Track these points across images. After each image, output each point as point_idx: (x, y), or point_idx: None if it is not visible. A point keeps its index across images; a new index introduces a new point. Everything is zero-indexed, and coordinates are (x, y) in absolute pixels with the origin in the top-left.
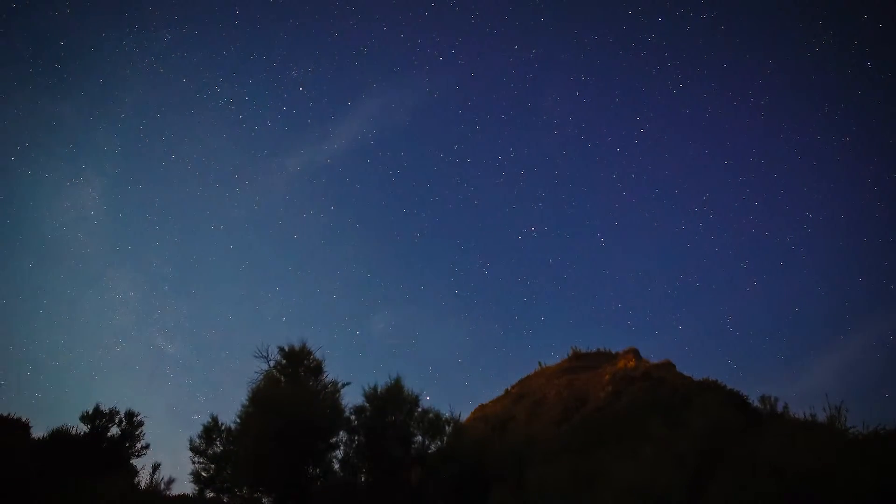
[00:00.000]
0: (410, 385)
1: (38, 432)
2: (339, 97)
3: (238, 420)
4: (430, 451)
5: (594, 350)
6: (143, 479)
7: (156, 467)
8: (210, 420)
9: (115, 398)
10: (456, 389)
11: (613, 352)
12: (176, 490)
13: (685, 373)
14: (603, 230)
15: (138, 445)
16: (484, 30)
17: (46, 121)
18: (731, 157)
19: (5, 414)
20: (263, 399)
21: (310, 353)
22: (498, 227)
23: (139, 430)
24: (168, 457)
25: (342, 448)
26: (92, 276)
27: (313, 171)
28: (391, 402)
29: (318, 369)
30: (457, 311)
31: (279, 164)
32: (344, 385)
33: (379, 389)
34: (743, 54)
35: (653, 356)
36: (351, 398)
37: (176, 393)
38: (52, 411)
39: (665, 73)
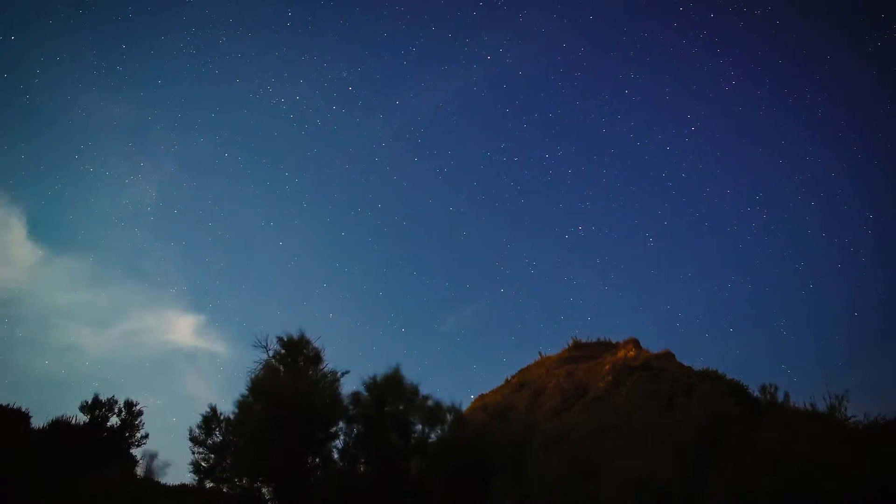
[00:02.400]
0: (409, 375)
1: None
2: (388, 96)
3: (237, 410)
4: (430, 441)
5: (594, 340)
6: (142, 467)
7: (153, 457)
8: (209, 410)
9: (163, 392)
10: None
11: (613, 342)
12: (176, 480)
13: (737, 378)
14: (651, 230)
15: (138, 435)
16: (532, 29)
17: (107, 121)
18: (786, 156)
19: (5, 404)
20: (263, 389)
21: (308, 342)
22: (544, 226)
23: (138, 420)
24: None
25: (342, 437)
26: (147, 271)
27: (361, 169)
28: (391, 392)
29: (317, 359)
30: (503, 309)
31: (328, 162)
32: (343, 374)
33: (378, 379)
34: (799, 50)
35: (702, 359)
36: (351, 387)
37: (224, 387)
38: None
39: (717, 71)
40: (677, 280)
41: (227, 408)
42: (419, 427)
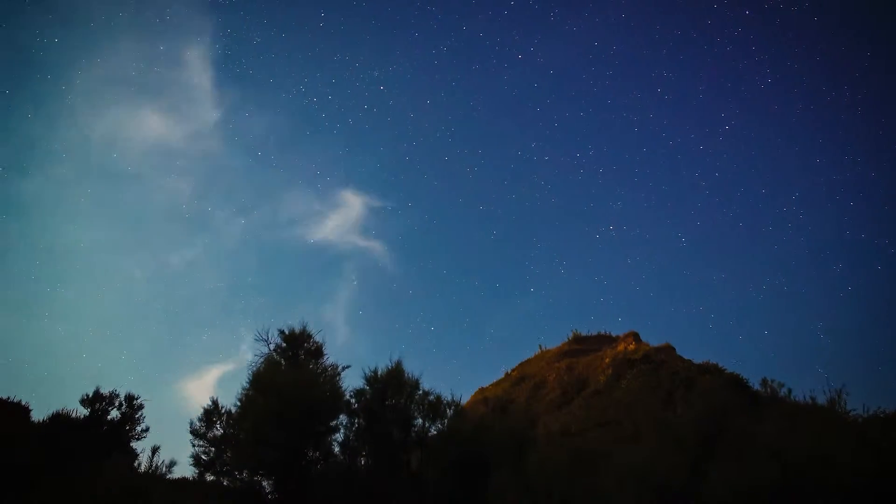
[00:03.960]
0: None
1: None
2: (419, 95)
3: (238, 403)
4: (430, 434)
5: (594, 333)
6: (143, 461)
7: (155, 450)
8: (210, 403)
9: (195, 388)
10: None
11: (613, 335)
12: (176, 473)
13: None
14: (684, 230)
15: (138, 429)
16: (563, 27)
17: (145, 120)
18: (824, 155)
19: (5, 397)
20: (264, 382)
21: (310, 336)
22: (575, 225)
23: (139, 414)
24: None
25: (342, 431)
26: (184, 268)
27: (392, 168)
28: (392, 386)
29: (318, 352)
30: (533, 310)
31: (359, 161)
32: (344, 368)
33: (379, 373)
34: (838, 47)
35: (735, 362)
36: (351, 381)
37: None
38: (145, 391)
39: (752, 68)
40: (710, 281)
41: (228, 401)
42: (419, 421)
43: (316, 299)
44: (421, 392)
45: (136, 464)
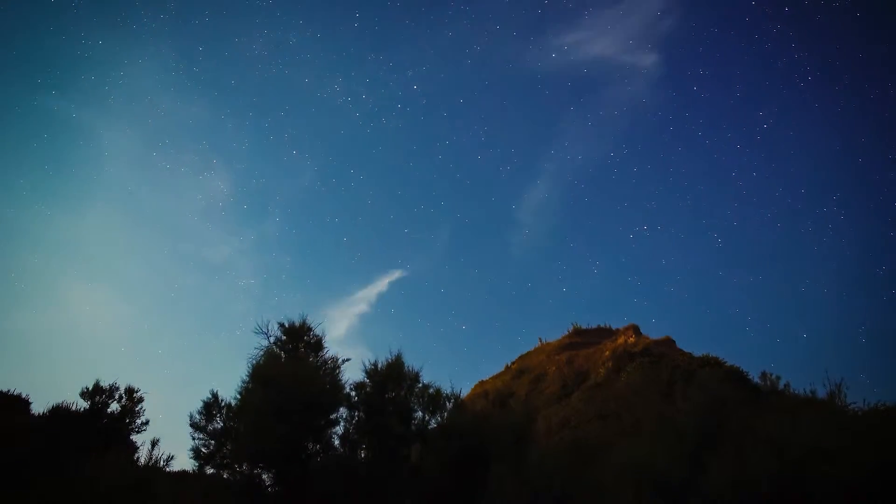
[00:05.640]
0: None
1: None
2: (452, 94)
3: (238, 396)
4: (430, 427)
5: (594, 326)
6: (143, 454)
7: (154, 443)
8: (210, 396)
9: (229, 384)
10: None
11: (613, 328)
12: (177, 466)
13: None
14: (720, 230)
15: (138, 421)
16: (598, 26)
17: (183, 120)
18: (866, 154)
19: (5, 390)
20: (263, 375)
21: (310, 329)
22: (609, 225)
23: (139, 407)
24: None
25: (342, 424)
26: (219, 264)
27: (425, 166)
28: (392, 379)
29: (318, 345)
30: (564, 309)
31: (392, 159)
32: (344, 361)
33: (379, 366)
34: (880, 43)
35: (773, 365)
36: (352, 374)
37: None
38: (175, 389)
39: (791, 66)
40: (747, 283)
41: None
42: (420, 413)
43: (347, 298)
44: (421, 385)
45: (136, 457)
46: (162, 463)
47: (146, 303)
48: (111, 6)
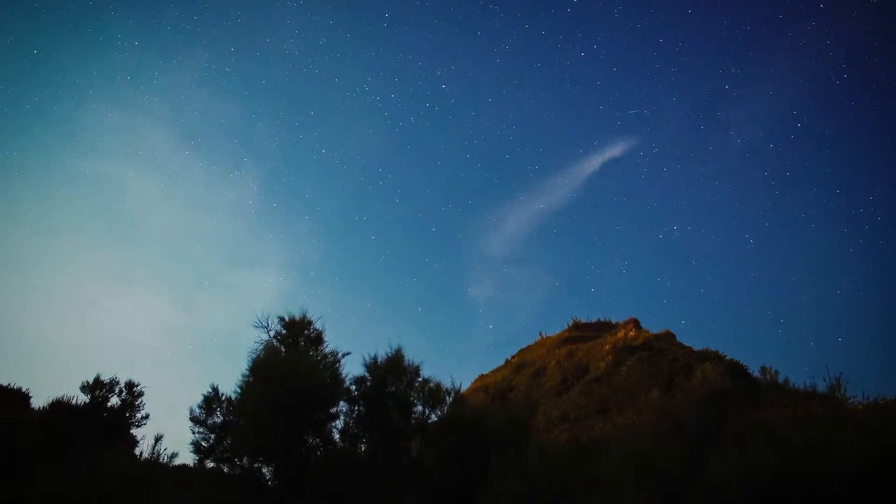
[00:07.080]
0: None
1: (38, 403)
2: (481, 94)
3: (238, 390)
4: (430, 421)
5: (594, 320)
6: (145, 449)
7: (158, 439)
8: (210, 390)
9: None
10: None
11: (613, 322)
12: (176, 460)
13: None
14: (752, 231)
15: (138, 415)
16: (627, 25)
17: (215, 119)
18: None
19: (5, 384)
20: (263, 369)
21: (310, 322)
22: (638, 225)
23: (139, 401)
24: None
25: (342, 418)
26: (248, 261)
27: (453, 165)
28: (392, 373)
29: (318, 339)
30: (592, 309)
31: (420, 158)
32: (344, 355)
33: (379, 360)
34: None
35: (805, 370)
36: (352, 368)
37: None
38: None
39: (826, 64)
40: (780, 285)
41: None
42: (420, 407)
43: (376, 296)
44: (421, 379)
45: (136, 451)
46: (165, 459)
47: (175, 299)
48: (146, 9)
